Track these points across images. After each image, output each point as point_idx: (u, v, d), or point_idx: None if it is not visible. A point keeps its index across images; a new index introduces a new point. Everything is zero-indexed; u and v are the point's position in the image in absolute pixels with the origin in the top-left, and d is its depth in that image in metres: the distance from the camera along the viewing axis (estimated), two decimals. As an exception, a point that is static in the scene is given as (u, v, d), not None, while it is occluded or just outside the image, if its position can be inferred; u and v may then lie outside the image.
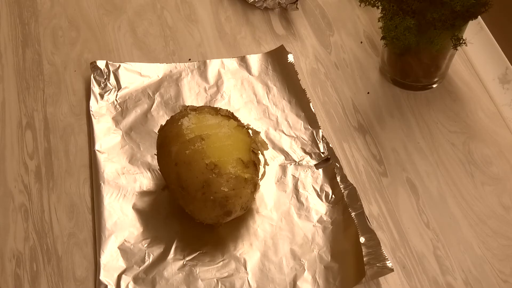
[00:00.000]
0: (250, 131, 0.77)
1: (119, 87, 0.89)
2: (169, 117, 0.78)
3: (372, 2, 0.83)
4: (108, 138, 0.84)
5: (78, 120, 0.87)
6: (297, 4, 1.00)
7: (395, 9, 0.80)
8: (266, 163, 0.78)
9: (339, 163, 0.82)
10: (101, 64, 0.91)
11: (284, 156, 0.83)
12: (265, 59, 0.94)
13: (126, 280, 0.72)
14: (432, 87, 0.91)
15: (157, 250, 0.74)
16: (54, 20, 0.99)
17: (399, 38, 0.81)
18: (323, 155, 0.83)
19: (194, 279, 0.72)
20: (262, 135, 0.83)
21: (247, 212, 0.77)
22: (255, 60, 0.94)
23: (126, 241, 0.75)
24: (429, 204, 0.80)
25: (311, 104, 0.88)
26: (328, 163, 0.82)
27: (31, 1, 1.02)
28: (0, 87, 0.91)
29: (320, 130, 0.85)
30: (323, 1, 1.03)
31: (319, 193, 0.79)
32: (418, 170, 0.83)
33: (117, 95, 0.89)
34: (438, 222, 0.78)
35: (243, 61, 0.94)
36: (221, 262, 0.74)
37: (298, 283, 0.72)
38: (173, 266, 0.73)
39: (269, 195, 0.79)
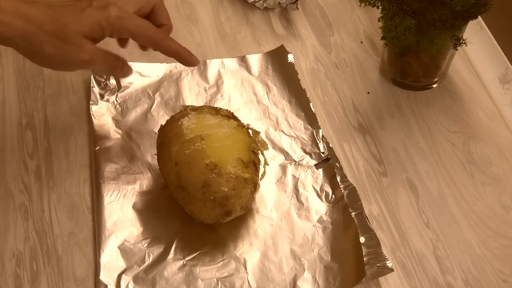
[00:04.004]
0: (250, 131, 0.77)
1: (119, 87, 0.89)
2: (169, 117, 0.78)
3: (372, 2, 0.83)
4: (108, 138, 0.84)
5: (78, 120, 0.87)
6: (297, 4, 1.00)
7: (395, 9, 0.80)
8: (266, 163, 0.78)
9: (339, 163, 0.82)
10: (101, 64, 0.91)
11: (284, 156, 0.83)
12: (265, 59, 0.94)
13: (126, 280, 0.72)
14: (432, 87, 0.91)
15: (157, 250, 0.74)
16: (54, 20, 0.99)
17: (399, 38, 0.81)
18: (323, 155, 0.83)
19: (194, 279, 0.72)
20: (262, 135, 0.83)
21: (247, 212, 0.77)
22: (255, 60, 0.94)
23: (126, 241, 0.75)
24: (429, 204, 0.80)
25: (311, 104, 0.88)
26: (328, 163, 0.82)
27: (31, 1, 1.02)
28: (0, 87, 0.91)
29: (320, 130, 0.85)
30: (323, 1, 1.03)
31: (319, 193, 0.79)
32: (418, 170, 0.83)
33: (117, 95, 0.89)
34: (438, 222, 0.78)
35: (243, 61, 0.94)
36: (221, 262, 0.74)
37: (298, 283, 0.72)
38: (173, 266, 0.73)
39: (269, 195, 0.79)
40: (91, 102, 0.87)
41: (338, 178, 0.80)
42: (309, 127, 0.86)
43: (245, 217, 0.77)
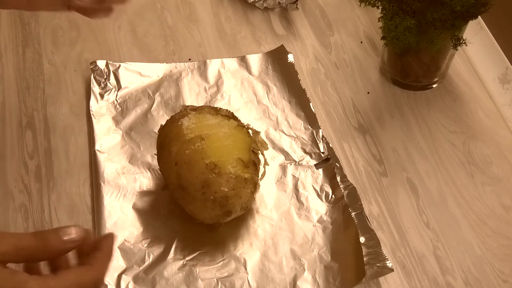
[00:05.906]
0: (250, 131, 0.77)
1: (119, 87, 0.89)
2: (169, 117, 0.78)
3: (372, 2, 0.83)
4: (108, 138, 0.84)
5: (78, 120, 0.87)
6: (297, 4, 1.00)
7: (395, 9, 0.80)
8: (266, 163, 0.78)
9: (339, 163, 0.82)
10: (101, 64, 0.91)
11: (284, 156, 0.83)
12: (265, 59, 0.94)
13: (126, 280, 0.72)
14: (432, 87, 0.91)
15: (157, 250, 0.74)
16: (54, 20, 0.99)
17: (399, 38, 0.81)
18: (323, 155, 0.83)
19: (194, 279, 0.72)
20: (262, 135, 0.83)
21: (247, 212, 0.77)
22: (255, 60, 0.94)
23: (126, 241, 0.75)
24: (429, 204, 0.80)
25: (311, 104, 0.88)
26: (328, 163, 0.82)
27: (31, 1, 1.02)
28: (0, 87, 0.91)
29: (320, 130, 0.85)
30: (323, 1, 1.03)
31: (319, 193, 0.79)
32: (418, 170, 0.83)
33: (117, 95, 0.89)
34: (438, 222, 0.78)
35: (243, 61, 0.94)
36: (221, 262, 0.74)
37: (298, 283, 0.72)
38: (173, 266, 0.73)
39: (269, 195, 0.79)
40: (91, 102, 0.87)
41: (338, 178, 0.80)
42: (309, 127, 0.86)
43: (245, 217, 0.77)
